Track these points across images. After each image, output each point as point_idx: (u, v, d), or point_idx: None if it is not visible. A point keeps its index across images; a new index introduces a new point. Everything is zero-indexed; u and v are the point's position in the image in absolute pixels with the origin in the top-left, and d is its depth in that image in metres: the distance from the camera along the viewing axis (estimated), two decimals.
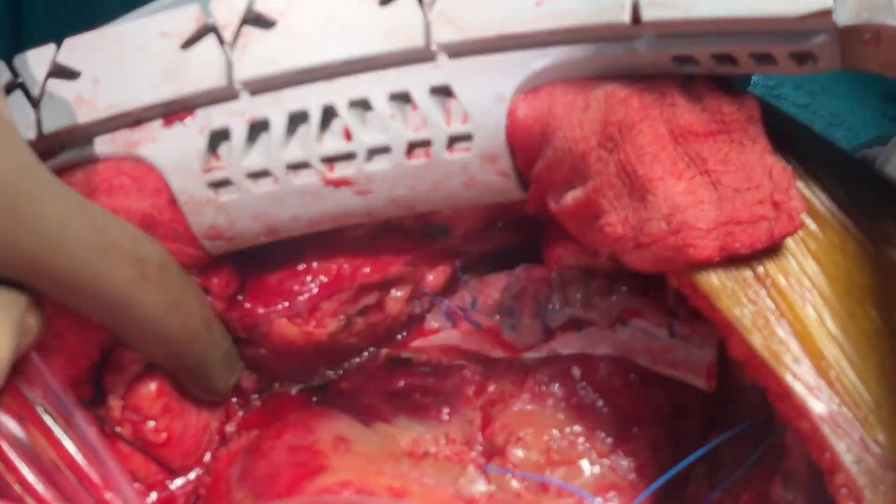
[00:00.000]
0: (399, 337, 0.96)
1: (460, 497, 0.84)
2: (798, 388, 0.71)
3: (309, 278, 0.90)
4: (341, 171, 0.78)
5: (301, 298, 0.90)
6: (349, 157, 0.78)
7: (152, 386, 0.88)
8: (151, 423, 0.89)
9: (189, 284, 0.83)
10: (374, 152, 0.77)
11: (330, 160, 0.78)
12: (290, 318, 0.89)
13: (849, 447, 0.70)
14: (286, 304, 0.89)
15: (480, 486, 0.85)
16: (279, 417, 0.94)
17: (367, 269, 0.90)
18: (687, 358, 0.85)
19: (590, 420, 0.85)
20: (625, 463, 0.83)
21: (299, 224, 0.81)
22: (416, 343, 0.95)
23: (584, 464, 0.84)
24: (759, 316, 0.73)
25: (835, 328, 0.73)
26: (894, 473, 0.70)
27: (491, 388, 0.90)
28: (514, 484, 0.84)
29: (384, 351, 0.94)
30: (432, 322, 0.96)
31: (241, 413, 0.95)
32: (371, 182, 0.78)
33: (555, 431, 0.85)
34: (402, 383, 0.91)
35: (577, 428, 0.85)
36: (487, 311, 0.93)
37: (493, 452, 0.86)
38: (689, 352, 0.85)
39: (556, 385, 0.87)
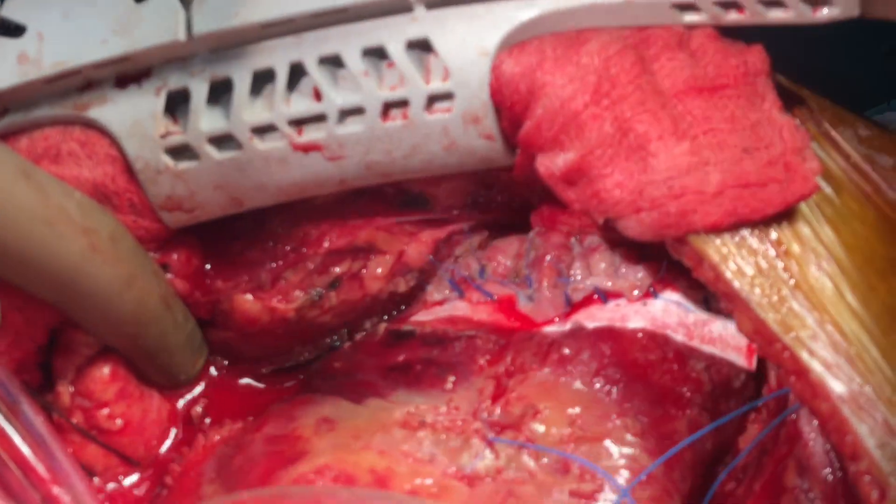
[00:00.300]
0: (394, 313, 0.92)
1: (460, 474, 0.78)
2: (815, 365, 0.67)
3: (271, 245, 0.86)
4: (311, 134, 0.76)
5: (263, 269, 0.86)
6: (319, 118, 0.75)
7: (105, 369, 0.83)
8: (105, 410, 0.84)
9: (144, 259, 0.79)
10: (346, 113, 0.75)
11: (298, 123, 0.75)
12: (252, 291, 0.85)
13: (872, 430, 0.66)
14: (246, 277, 0.86)
15: (486, 460, 0.78)
16: (250, 401, 0.90)
17: (334, 234, 0.86)
18: (725, 333, 0.83)
19: (621, 398, 0.80)
20: (660, 446, 0.78)
21: (266, 193, 0.79)
22: (419, 317, 0.90)
23: (613, 443, 0.78)
24: (771, 288, 0.69)
25: (855, 301, 0.70)
26: None
27: (509, 359, 0.84)
28: (528, 461, 0.77)
29: (383, 325, 0.89)
30: (434, 293, 0.91)
31: (207, 397, 0.91)
32: (343, 147, 0.76)
33: (578, 407, 0.80)
34: (401, 357, 0.87)
35: (607, 404, 0.80)
36: (500, 280, 0.89)
37: (506, 425, 0.80)
38: (727, 326, 0.82)
39: (584, 357, 0.82)
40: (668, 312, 0.84)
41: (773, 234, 0.70)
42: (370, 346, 0.88)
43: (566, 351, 0.83)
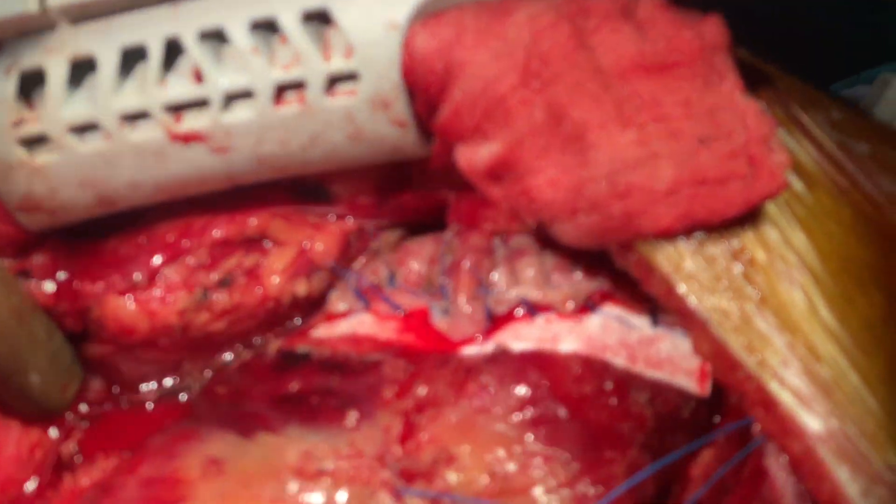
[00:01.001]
0: (293, 324, 0.84)
1: None
2: (785, 397, 0.63)
3: (145, 238, 0.79)
4: (191, 122, 0.70)
5: (136, 266, 0.78)
6: (201, 104, 0.70)
7: None
8: None
9: None
10: (232, 98, 0.70)
11: (176, 109, 0.70)
12: (126, 293, 0.78)
13: (853, 475, 0.62)
14: (118, 276, 0.78)
15: None
16: (132, 434, 0.82)
17: (221, 221, 0.79)
18: (674, 353, 0.76)
19: (550, 438, 0.74)
20: (593, 494, 0.72)
21: (141, 192, 0.73)
22: (318, 332, 0.83)
23: (539, 494, 0.72)
24: (732, 303, 0.65)
25: (831, 318, 0.66)
26: None
27: (420, 391, 0.78)
28: None
29: (274, 344, 0.82)
30: (338, 303, 0.83)
31: (83, 427, 0.83)
32: (230, 137, 0.71)
33: (501, 451, 0.73)
34: (295, 386, 0.79)
35: (533, 447, 0.73)
36: (410, 289, 0.82)
37: (415, 473, 0.74)
38: (676, 344, 0.76)
39: (507, 391, 0.75)
40: (607, 330, 0.78)
41: (735, 241, 0.66)
42: (259, 370, 0.81)
43: (486, 381, 0.76)
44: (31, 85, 0.71)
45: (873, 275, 0.68)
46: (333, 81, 0.69)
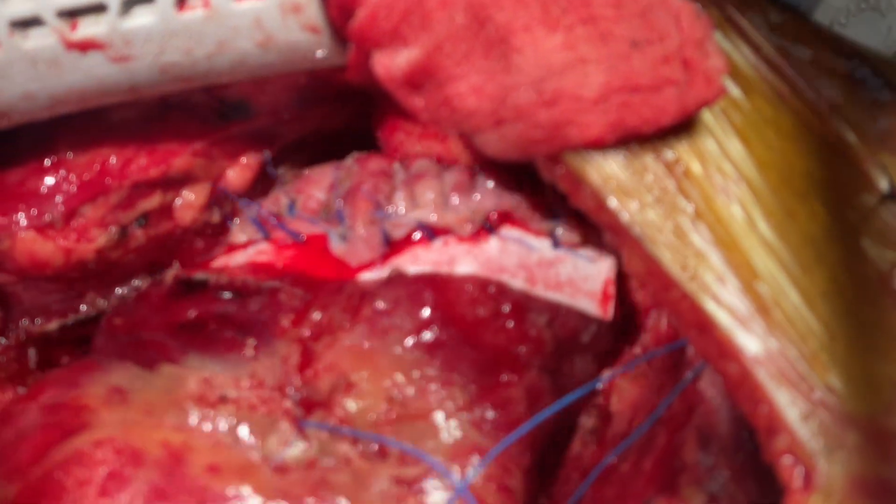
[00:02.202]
0: (194, 254, 0.84)
1: (267, 462, 0.73)
2: (722, 317, 0.61)
3: (62, 174, 0.78)
4: (88, 29, 0.67)
5: (53, 202, 0.77)
6: (98, 9, 0.67)
7: None
8: None
9: None
10: (132, 3, 0.67)
11: (71, 14, 0.67)
12: (40, 229, 0.77)
13: (793, 398, 0.60)
14: (33, 210, 0.77)
15: (295, 449, 0.73)
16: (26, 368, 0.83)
17: (142, 162, 0.78)
18: (575, 275, 0.78)
19: (447, 362, 0.75)
20: (492, 418, 0.73)
21: (36, 103, 0.71)
22: (219, 262, 0.83)
23: (439, 419, 0.74)
24: (666, 218, 0.63)
25: (769, 232, 0.64)
26: (857, 432, 0.60)
27: (315, 316, 0.78)
28: (342, 447, 0.73)
29: (171, 272, 0.82)
30: (239, 234, 0.84)
31: None
32: (131, 44, 0.68)
33: (399, 376, 0.75)
34: (192, 313, 0.79)
35: (430, 371, 0.75)
36: (310, 217, 0.82)
37: (315, 403, 0.75)
38: (578, 267, 0.77)
39: (402, 315, 0.76)
40: (505, 252, 0.79)
41: (669, 151, 0.64)
42: (155, 299, 0.81)
43: (381, 305, 0.77)
44: None
45: (814, 186, 0.66)
46: None
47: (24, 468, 0.73)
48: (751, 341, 0.60)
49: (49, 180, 0.78)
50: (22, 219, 0.77)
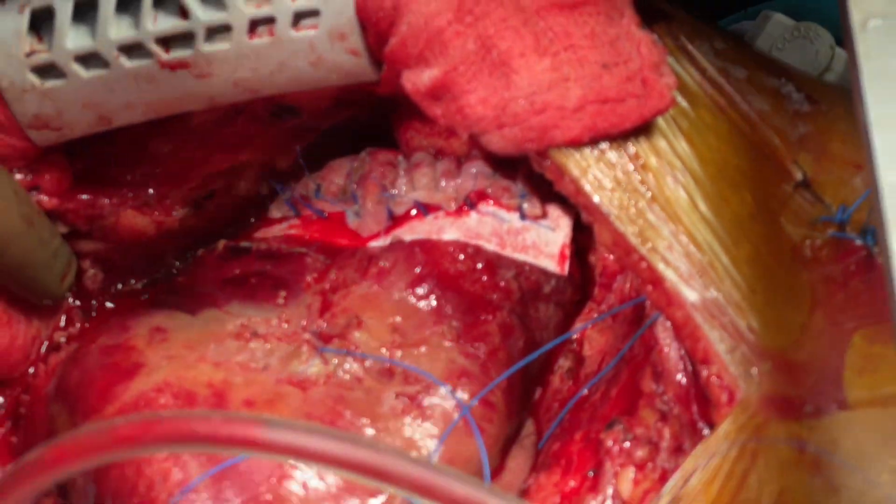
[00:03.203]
0: (245, 222, 0.95)
1: (292, 380, 0.80)
2: (670, 275, 0.70)
3: (153, 168, 0.87)
4: (178, 52, 0.74)
5: (147, 190, 0.87)
6: (186, 37, 0.74)
7: None
8: None
9: (2, 176, 0.77)
10: (213, 31, 0.74)
11: (165, 41, 0.74)
12: (138, 208, 0.87)
13: (722, 336, 0.69)
14: (131, 194, 0.86)
15: (315, 367, 0.81)
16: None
17: (216, 157, 0.88)
18: (538, 241, 0.85)
19: (437, 305, 0.84)
20: (474, 348, 0.81)
21: (135, 112, 0.78)
22: (259, 233, 0.93)
23: (430, 348, 0.82)
24: (628, 200, 0.72)
25: (707, 211, 0.72)
26: (768, 361, 0.69)
27: (333, 275, 0.87)
28: (354, 366, 0.81)
29: (222, 242, 0.91)
30: (275, 212, 0.94)
31: (78, 322, 0.91)
32: (211, 64, 0.75)
33: (398, 316, 0.83)
34: (238, 270, 0.88)
35: (424, 312, 0.83)
36: (331, 198, 0.92)
37: (331, 336, 0.84)
38: (540, 234, 0.85)
39: (399, 270, 0.85)
40: (482, 223, 0.87)
41: (631, 149, 0.72)
42: (209, 260, 0.90)
43: (384, 264, 0.85)
44: (41, 21, 0.74)
45: (744, 179, 0.74)
46: (298, 17, 0.72)
47: (99, 408, 0.79)
48: (691, 293, 0.69)
49: (145, 172, 0.86)
50: (125, 202, 0.86)
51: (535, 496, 0.77)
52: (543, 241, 0.85)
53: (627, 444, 0.74)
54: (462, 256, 0.85)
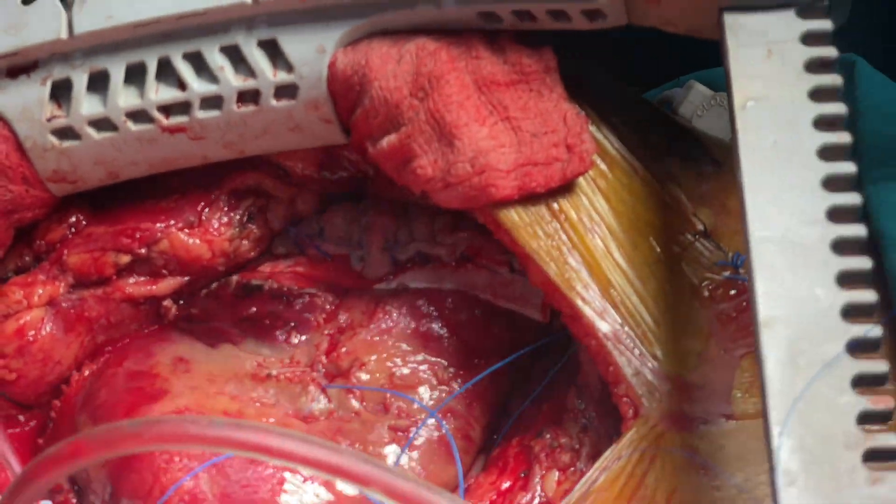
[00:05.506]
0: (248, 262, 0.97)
1: (298, 415, 0.85)
2: (587, 310, 0.76)
3: (180, 197, 0.91)
4: (176, 118, 0.80)
5: (184, 212, 0.90)
6: (184, 105, 0.80)
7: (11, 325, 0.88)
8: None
9: None
10: (206, 101, 0.80)
11: (166, 109, 0.80)
12: (182, 229, 0.89)
13: (629, 361, 0.75)
14: (173, 220, 0.90)
15: (320, 404, 0.86)
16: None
17: (230, 178, 0.91)
18: (524, 291, 0.88)
19: (434, 351, 0.88)
20: (463, 389, 0.86)
21: (138, 168, 0.85)
22: (265, 267, 0.95)
23: (424, 390, 0.87)
24: (553, 247, 0.77)
25: (620, 257, 0.77)
26: (669, 383, 0.75)
27: (342, 318, 0.91)
28: (354, 402, 0.86)
29: (234, 278, 0.93)
30: (279, 247, 0.96)
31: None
32: (205, 129, 0.81)
33: (398, 359, 0.88)
34: (253, 309, 0.91)
35: (420, 357, 0.88)
36: (335, 241, 0.94)
37: (336, 374, 0.88)
38: (526, 286, 0.86)
39: (404, 316, 0.89)
40: (478, 275, 0.90)
41: (556, 205, 0.77)
42: (223, 297, 0.92)
43: (390, 309, 0.89)
44: (60, 90, 0.81)
45: (652, 229, 0.78)
46: (279, 90, 0.79)
47: None
48: (604, 325, 0.75)
49: (176, 201, 0.91)
50: (170, 224, 0.90)
51: (475, 493, 0.83)
52: (530, 292, 0.88)
53: (554, 450, 0.80)
54: (461, 306, 0.89)
